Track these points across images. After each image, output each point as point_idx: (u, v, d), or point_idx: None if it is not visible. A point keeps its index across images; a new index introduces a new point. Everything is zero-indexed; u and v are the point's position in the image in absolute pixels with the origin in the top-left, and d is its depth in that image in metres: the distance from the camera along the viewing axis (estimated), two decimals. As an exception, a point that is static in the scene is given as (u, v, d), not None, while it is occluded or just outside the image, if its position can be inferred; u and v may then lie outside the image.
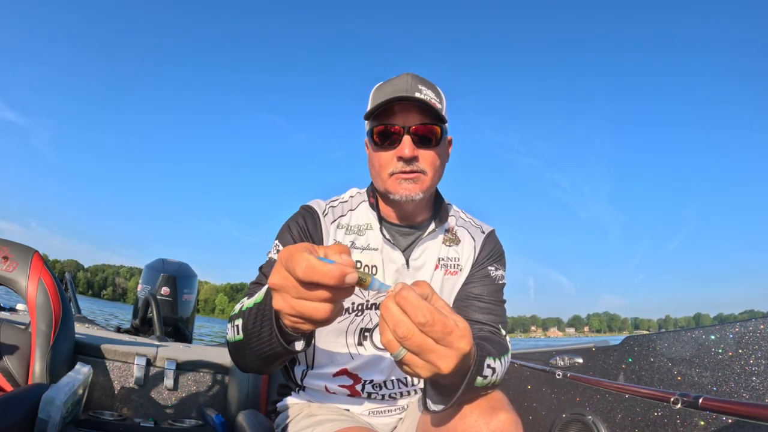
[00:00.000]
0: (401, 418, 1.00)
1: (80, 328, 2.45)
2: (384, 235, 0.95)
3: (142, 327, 3.53)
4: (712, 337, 1.20)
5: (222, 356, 2.07)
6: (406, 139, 0.86)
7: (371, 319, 0.95)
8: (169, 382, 1.85)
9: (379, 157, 0.90)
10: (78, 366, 1.50)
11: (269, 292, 0.62)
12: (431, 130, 0.88)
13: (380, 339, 0.52)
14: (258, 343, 0.66)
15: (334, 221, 0.98)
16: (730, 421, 1.10)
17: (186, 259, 3.96)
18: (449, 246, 1.00)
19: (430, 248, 0.98)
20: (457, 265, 0.99)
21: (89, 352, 1.79)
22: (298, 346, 0.64)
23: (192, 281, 3.85)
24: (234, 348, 0.74)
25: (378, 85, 0.93)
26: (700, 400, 0.95)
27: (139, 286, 3.72)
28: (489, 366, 0.68)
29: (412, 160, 0.87)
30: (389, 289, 0.52)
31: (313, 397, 1.01)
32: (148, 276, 3.70)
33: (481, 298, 0.95)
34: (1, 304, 2.89)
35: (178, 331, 3.67)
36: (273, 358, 0.67)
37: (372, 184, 1.00)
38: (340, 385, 0.97)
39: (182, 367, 1.90)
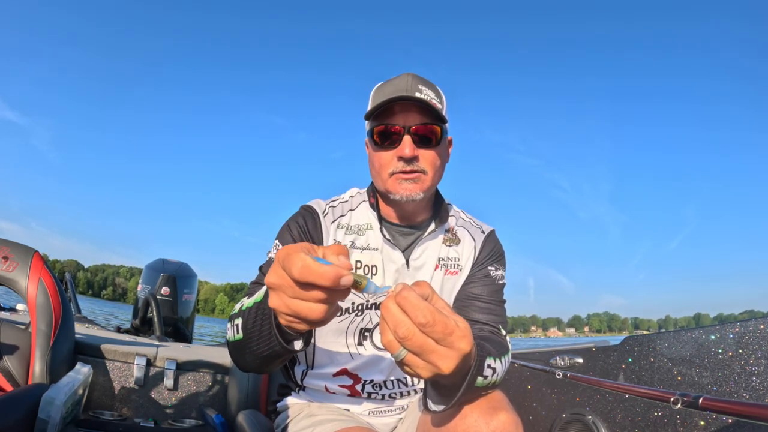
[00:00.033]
0: (401, 418, 1.00)
1: (80, 328, 2.45)
2: (384, 235, 0.95)
3: (142, 327, 3.53)
4: (712, 337, 1.20)
5: (222, 356, 2.07)
6: (407, 138, 0.86)
7: (371, 319, 0.95)
8: (169, 382, 1.85)
9: (379, 157, 0.90)
10: (78, 366, 1.50)
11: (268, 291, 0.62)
12: (431, 130, 0.88)
13: (381, 339, 0.52)
14: (257, 343, 0.66)
15: (334, 221, 0.98)
16: (730, 421, 1.10)
17: (186, 259, 3.96)
18: (449, 246, 1.00)
19: (430, 248, 0.98)
20: (457, 265, 0.99)
21: (89, 352, 1.79)
22: (297, 345, 0.64)
23: (192, 281, 3.86)
24: (234, 347, 0.74)
25: (378, 85, 0.93)
26: (700, 400, 0.95)
27: (139, 286, 3.72)
28: (489, 366, 0.68)
29: (412, 159, 0.87)
30: (389, 290, 0.52)
31: (313, 397, 1.01)
32: (148, 276, 3.70)
33: (481, 298, 0.95)
34: (1, 304, 2.89)
35: (178, 331, 3.67)
36: (272, 358, 0.67)
37: (372, 184, 1.00)
38: (340, 385, 0.97)
39: (182, 367, 1.90)
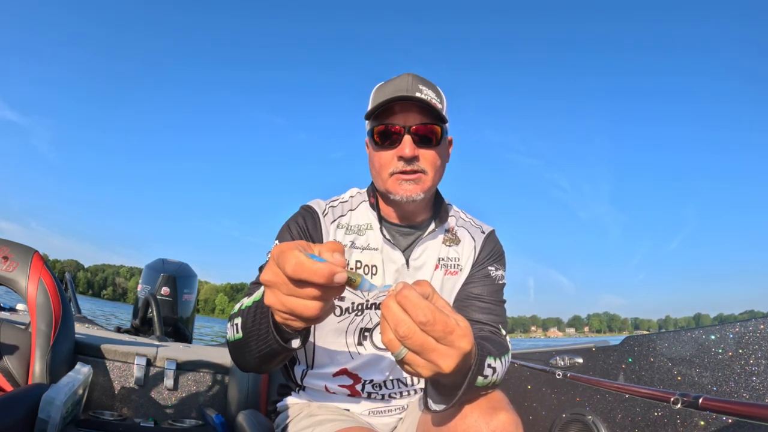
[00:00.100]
0: (401, 418, 1.00)
1: (80, 328, 2.45)
2: (384, 235, 0.95)
3: (142, 327, 3.53)
4: (712, 337, 1.20)
5: (222, 356, 2.06)
6: (407, 138, 0.86)
7: (371, 319, 0.95)
8: (169, 382, 1.85)
9: (379, 157, 0.90)
10: (78, 366, 1.49)
11: None
12: (432, 130, 0.88)
13: (381, 338, 0.52)
14: (256, 341, 0.66)
15: (334, 221, 0.98)
16: (730, 421, 1.10)
17: (186, 259, 3.96)
18: (449, 246, 1.00)
19: (430, 248, 0.98)
20: (457, 265, 0.99)
21: (89, 352, 1.79)
22: (295, 343, 0.64)
23: (192, 281, 3.86)
24: (234, 347, 0.74)
25: (378, 85, 0.93)
26: (700, 400, 0.95)
27: (139, 286, 3.72)
28: (489, 366, 0.68)
29: (412, 159, 0.87)
30: (390, 289, 0.52)
31: (313, 396, 1.01)
32: (148, 276, 3.70)
33: (482, 298, 0.95)
34: (1, 304, 2.89)
35: (178, 331, 3.67)
36: (271, 356, 0.67)
37: (372, 184, 1.00)
38: (340, 385, 0.97)
39: (182, 367, 1.90)
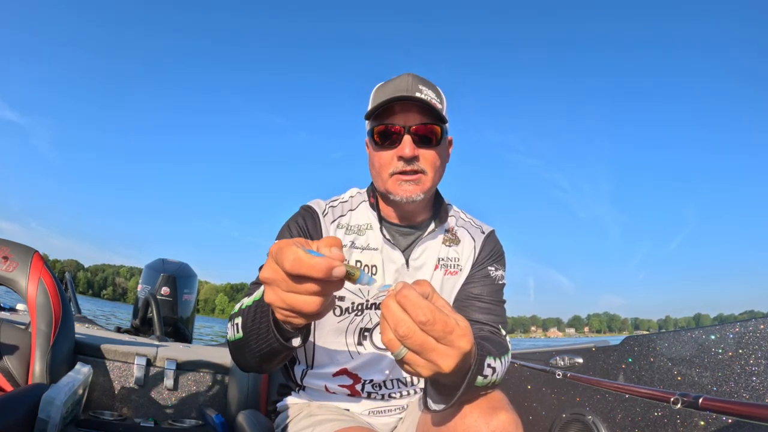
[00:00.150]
0: (401, 418, 1.00)
1: (80, 328, 2.45)
2: (384, 235, 0.95)
3: (142, 327, 3.53)
4: (712, 337, 1.20)
5: (222, 356, 2.06)
6: (407, 138, 0.86)
7: (371, 319, 0.95)
8: (169, 382, 1.85)
9: (379, 157, 0.90)
10: (78, 366, 1.50)
11: None
12: (432, 130, 0.88)
13: (381, 338, 0.52)
14: (257, 341, 0.66)
15: (334, 221, 0.98)
16: (730, 421, 1.10)
17: (186, 259, 3.96)
18: (449, 246, 1.00)
19: (430, 248, 0.98)
20: (457, 265, 0.99)
21: (89, 352, 1.79)
22: (295, 342, 0.64)
23: (192, 281, 3.86)
24: (234, 347, 0.74)
25: (378, 85, 0.93)
26: (700, 400, 0.95)
27: (139, 286, 3.72)
28: (489, 365, 0.68)
29: (412, 159, 0.87)
30: (390, 288, 0.52)
31: (313, 396, 1.01)
32: (148, 276, 3.70)
33: (481, 298, 0.95)
34: (1, 304, 2.89)
35: (178, 331, 3.67)
36: (272, 355, 0.67)
37: (372, 184, 1.01)
38: (340, 385, 0.97)
39: (182, 367, 1.90)
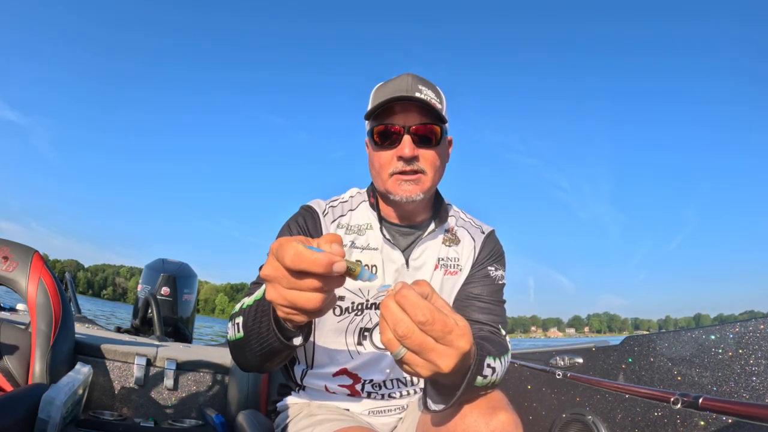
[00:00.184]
0: (401, 418, 1.00)
1: (80, 328, 2.45)
2: (384, 235, 0.95)
3: (142, 327, 3.53)
4: (712, 337, 1.20)
5: (222, 356, 2.06)
6: (407, 138, 0.86)
7: (371, 319, 0.95)
8: (169, 382, 1.85)
9: (379, 157, 0.90)
10: (78, 366, 1.50)
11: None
12: (431, 130, 0.88)
13: (380, 338, 0.52)
14: (258, 340, 0.66)
15: (334, 221, 0.98)
16: (730, 421, 1.10)
17: (186, 259, 3.96)
18: (449, 246, 1.00)
19: (430, 248, 0.98)
20: (457, 265, 0.99)
21: (89, 352, 1.79)
22: (297, 341, 0.64)
23: (192, 281, 3.86)
24: (234, 346, 0.74)
25: (378, 86, 0.93)
26: (700, 400, 0.95)
27: (139, 286, 3.72)
28: (489, 365, 0.68)
29: (412, 159, 0.87)
30: (389, 288, 0.52)
31: (313, 396, 1.01)
32: (148, 276, 3.70)
33: (481, 298, 0.95)
34: (1, 304, 2.89)
35: (178, 331, 3.67)
36: (272, 354, 0.67)
37: (372, 184, 1.01)
38: (339, 385, 0.97)
39: (182, 367, 1.90)
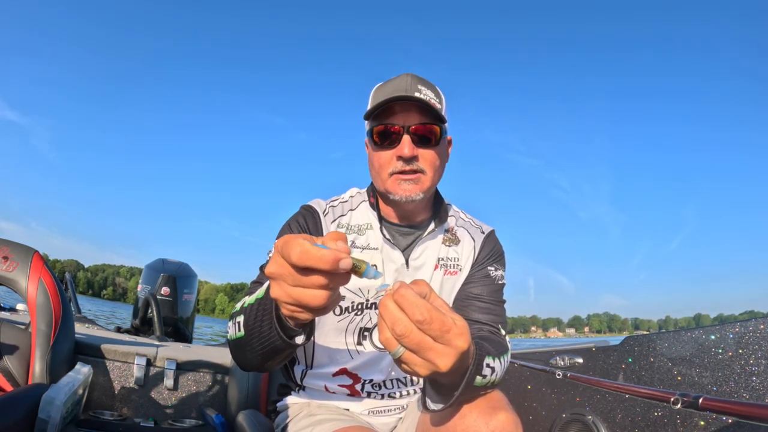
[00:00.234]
0: (401, 418, 1.00)
1: (80, 328, 2.45)
2: (384, 235, 0.95)
3: (142, 327, 3.53)
4: (712, 337, 1.19)
5: (222, 356, 2.07)
6: (406, 138, 0.86)
7: (371, 319, 0.95)
8: (169, 382, 1.85)
9: (378, 157, 0.90)
10: (78, 366, 1.50)
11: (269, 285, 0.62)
12: (431, 130, 0.88)
13: (378, 336, 0.52)
14: (259, 339, 0.66)
15: (335, 221, 0.98)
16: (730, 421, 1.10)
17: (186, 259, 3.97)
18: (449, 246, 1.00)
19: (430, 248, 0.98)
20: (457, 265, 0.99)
21: (89, 352, 1.79)
22: (299, 340, 0.64)
23: (192, 281, 3.86)
24: (235, 345, 0.74)
25: (378, 86, 0.93)
26: (700, 400, 0.95)
27: (139, 286, 3.72)
28: (488, 365, 0.68)
29: (411, 159, 0.87)
30: (388, 288, 0.52)
31: (312, 396, 1.01)
32: (148, 276, 3.70)
33: (481, 298, 0.95)
34: (1, 304, 2.89)
35: (178, 331, 3.67)
36: (274, 353, 0.67)
37: (372, 183, 1.01)
38: (339, 385, 0.97)
39: (182, 367, 1.90)
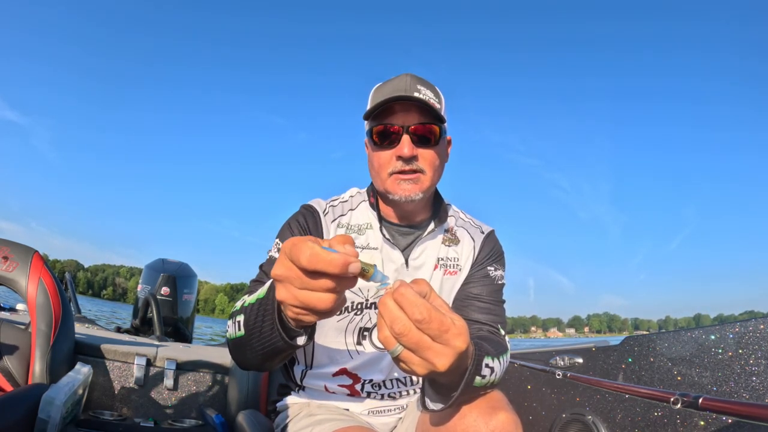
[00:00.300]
0: (401, 418, 1.00)
1: (80, 328, 2.45)
2: (384, 235, 0.95)
3: (142, 327, 3.54)
4: (712, 337, 1.19)
5: (222, 356, 2.07)
6: (406, 138, 0.86)
7: (371, 318, 0.95)
8: (169, 382, 1.85)
9: (378, 157, 0.90)
10: (78, 366, 1.50)
11: (272, 286, 0.61)
12: (430, 130, 0.88)
13: (377, 335, 0.52)
14: (259, 338, 0.66)
15: (335, 220, 0.98)
16: (730, 421, 1.10)
17: (186, 259, 3.97)
18: (448, 246, 1.00)
19: (430, 248, 0.98)
20: (457, 265, 0.99)
21: (89, 352, 1.79)
22: (300, 340, 0.64)
23: (192, 281, 3.86)
24: (234, 345, 0.74)
25: (377, 86, 0.93)
26: (700, 400, 0.94)
27: (139, 286, 3.72)
28: (487, 365, 0.68)
29: (411, 159, 0.87)
30: (387, 287, 0.52)
31: (312, 396, 1.01)
32: (148, 276, 3.70)
33: (481, 298, 0.95)
34: (1, 304, 2.89)
35: (178, 331, 3.67)
36: (274, 353, 0.67)
37: (372, 183, 1.01)
38: (339, 385, 0.97)
39: (182, 367, 1.90)
